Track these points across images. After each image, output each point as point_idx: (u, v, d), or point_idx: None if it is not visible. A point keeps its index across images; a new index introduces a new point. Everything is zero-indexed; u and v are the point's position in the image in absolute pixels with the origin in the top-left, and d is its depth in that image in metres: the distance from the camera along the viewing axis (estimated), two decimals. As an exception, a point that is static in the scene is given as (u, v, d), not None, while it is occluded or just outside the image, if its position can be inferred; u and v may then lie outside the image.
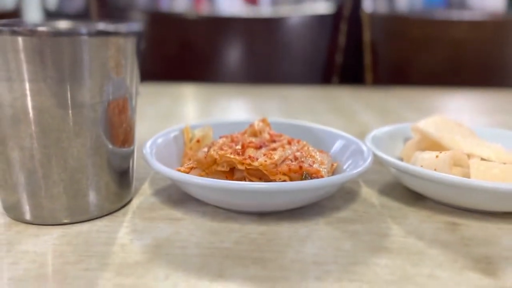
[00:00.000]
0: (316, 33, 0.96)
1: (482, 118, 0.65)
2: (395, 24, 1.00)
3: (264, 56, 1.00)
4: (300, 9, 0.98)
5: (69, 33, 0.25)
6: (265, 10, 0.99)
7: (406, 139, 0.41)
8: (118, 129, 0.30)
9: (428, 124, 0.37)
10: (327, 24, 0.95)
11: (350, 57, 0.93)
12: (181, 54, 1.01)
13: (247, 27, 1.00)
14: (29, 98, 0.26)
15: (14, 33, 0.25)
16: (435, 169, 0.31)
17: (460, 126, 0.37)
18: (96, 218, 0.30)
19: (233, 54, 1.00)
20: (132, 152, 0.32)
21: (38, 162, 0.27)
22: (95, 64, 0.27)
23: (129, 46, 0.29)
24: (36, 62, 0.25)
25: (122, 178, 0.31)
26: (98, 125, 0.28)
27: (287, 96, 0.75)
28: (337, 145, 0.38)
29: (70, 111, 0.27)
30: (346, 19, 0.92)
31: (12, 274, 0.24)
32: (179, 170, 0.32)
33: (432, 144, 0.36)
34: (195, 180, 0.28)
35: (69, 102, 0.26)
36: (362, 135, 0.39)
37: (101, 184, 0.30)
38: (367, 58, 0.93)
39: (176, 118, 0.59)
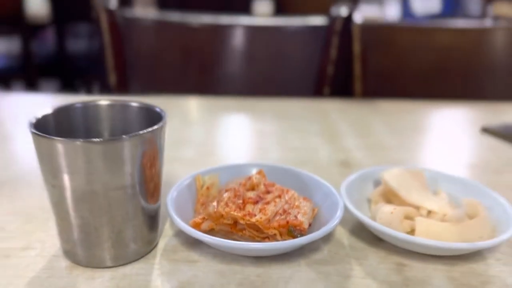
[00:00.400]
0: (309, 45, 1.04)
1: (451, 141, 0.74)
2: (383, 33, 1.08)
3: (261, 64, 1.08)
4: (296, 19, 1.06)
5: (115, 140, 0.35)
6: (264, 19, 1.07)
7: (376, 181, 0.51)
8: (151, 193, 0.39)
9: (392, 176, 0.47)
10: (320, 37, 1.03)
11: (341, 68, 1.01)
12: (184, 60, 1.09)
13: (246, 34, 1.08)
14: (86, 185, 0.35)
15: (75, 141, 0.34)
16: (390, 223, 0.41)
17: (416, 179, 0.47)
18: (134, 261, 0.40)
19: (233, 61, 1.09)
20: (160, 204, 0.42)
21: (93, 227, 0.37)
22: (134, 157, 0.36)
23: (158, 137, 0.38)
24: (91, 160, 0.34)
25: (153, 225, 0.41)
26: (137, 196, 0.38)
27: (282, 112, 0.84)
28: (319, 192, 0.47)
29: (115, 191, 0.36)
30: (338, 32, 1.00)
31: (82, 314, 0.34)
32: (194, 222, 0.42)
33: (393, 193, 0.46)
34: (208, 240, 0.38)
35: (114, 185, 0.36)
36: (345, 163, 0.49)
37: (138, 235, 0.39)
38: (357, 69, 1.02)
39: (186, 145, 0.68)
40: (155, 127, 0.37)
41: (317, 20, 1.04)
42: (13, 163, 0.61)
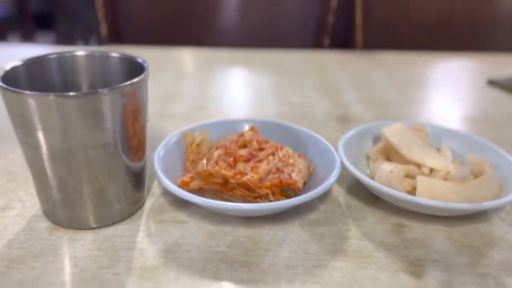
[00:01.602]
0: (309, -7, 0.99)
1: (455, 96, 0.71)
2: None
3: (259, 14, 1.03)
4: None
5: (93, 94, 0.32)
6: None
7: (375, 137, 0.48)
8: (134, 151, 0.37)
9: (392, 132, 0.44)
10: (320, -16, 0.97)
11: (342, 18, 0.96)
12: (177, 12, 1.04)
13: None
14: (62, 143, 0.33)
15: (50, 95, 0.31)
16: (389, 182, 0.39)
17: (418, 135, 0.44)
18: (119, 222, 0.38)
19: (229, 11, 1.03)
20: (145, 161, 0.40)
21: (71, 187, 0.35)
22: (114, 112, 0.33)
23: (140, 90, 0.35)
24: (67, 116, 0.32)
25: (138, 184, 0.39)
26: (118, 154, 0.35)
27: (279, 66, 0.80)
28: (315, 149, 0.45)
29: (95, 150, 0.34)
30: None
31: (61, 279, 0.32)
32: (182, 181, 0.40)
33: (393, 150, 0.44)
34: (196, 200, 0.36)
35: (93, 143, 0.33)
36: (343, 119, 0.46)
37: (122, 194, 0.37)
38: (358, 19, 0.97)
39: (178, 100, 0.65)
40: (136, 79, 0.34)
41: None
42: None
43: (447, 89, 0.73)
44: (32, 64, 0.37)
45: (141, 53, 0.40)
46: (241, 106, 0.65)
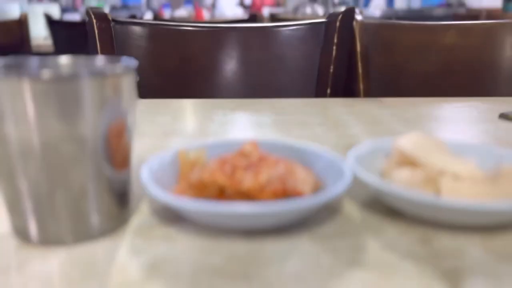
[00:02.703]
0: (309, 44, 0.99)
1: (466, 127, 0.67)
2: (386, 31, 1.03)
3: (260, 67, 1.02)
4: (295, 20, 1.01)
5: (71, 77, 0.28)
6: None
7: (388, 153, 0.44)
8: (117, 156, 0.33)
9: (407, 143, 0.40)
10: (320, 35, 0.98)
11: (343, 67, 0.95)
12: (180, 66, 1.04)
13: (243, 37, 1.03)
14: (34, 135, 0.29)
15: (21, 77, 0.27)
16: (409, 188, 0.34)
17: (435, 143, 0.40)
18: (98, 238, 0.33)
19: (230, 65, 1.03)
20: (129, 174, 0.35)
21: (44, 191, 0.30)
22: (95, 102, 0.29)
23: (126, 82, 0.32)
24: (41, 103, 0.28)
25: (121, 199, 0.34)
26: (98, 154, 0.31)
27: (281, 109, 0.77)
28: (322, 163, 0.40)
29: (72, 145, 0.29)
30: (338, 30, 0.95)
31: (23, 295, 0.26)
32: (174, 192, 0.35)
33: (410, 160, 0.39)
34: (192, 206, 0.31)
35: (71, 136, 0.29)
36: (350, 148, 0.42)
37: (102, 207, 0.32)
38: (359, 68, 0.96)
39: (175, 135, 0.61)
40: (121, 68, 0.31)
41: (316, 19, 0.99)
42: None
43: (457, 123, 0.70)
44: (11, 62, 0.33)
45: (139, 102, 0.37)
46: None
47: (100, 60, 0.34)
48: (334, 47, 0.95)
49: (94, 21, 0.97)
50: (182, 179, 0.40)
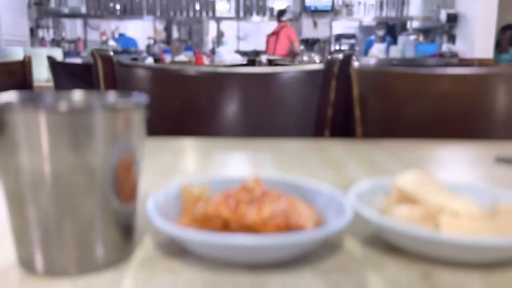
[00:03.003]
0: (308, 89, 1.02)
1: (464, 170, 0.69)
2: (382, 78, 1.06)
3: (259, 110, 1.05)
4: (294, 65, 1.05)
5: (85, 110, 0.29)
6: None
7: (387, 191, 0.45)
8: (124, 189, 0.33)
9: (406, 181, 0.41)
10: (318, 80, 1.01)
11: (341, 111, 0.98)
12: (182, 109, 1.06)
13: (243, 81, 1.06)
14: (46, 165, 0.29)
15: (38, 109, 0.29)
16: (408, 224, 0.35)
17: (434, 182, 0.41)
18: (102, 270, 0.33)
19: (231, 108, 1.06)
20: (135, 207, 0.36)
21: (52, 221, 0.31)
22: (107, 135, 0.30)
23: (137, 117, 0.33)
24: (55, 134, 0.29)
25: (126, 232, 0.35)
26: (107, 186, 0.32)
27: (281, 149, 0.79)
28: (323, 200, 0.41)
29: (82, 176, 0.30)
30: (336, 75, 0.98)
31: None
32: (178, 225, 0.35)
33: (408, 199, 0.40)
34: (196, 238, 0.32)
35: (82, 167, 0.30)
36: (349, 186, 0.43)
37: (108, 239, 0.33)
38: (357, 112, 0.98)
39: (177, 173, 0.62)
40: (133, 101, 0.32)
41: (314, 65, 1.03)
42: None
43: (454, 166, 0.71)
44: (27, 97, 0.35)
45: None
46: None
47: (112, 95, 0.36)
48: (332, 92, 0.98)
49: (99, 62, 1.00)
50: (186, 213, 0.41)
